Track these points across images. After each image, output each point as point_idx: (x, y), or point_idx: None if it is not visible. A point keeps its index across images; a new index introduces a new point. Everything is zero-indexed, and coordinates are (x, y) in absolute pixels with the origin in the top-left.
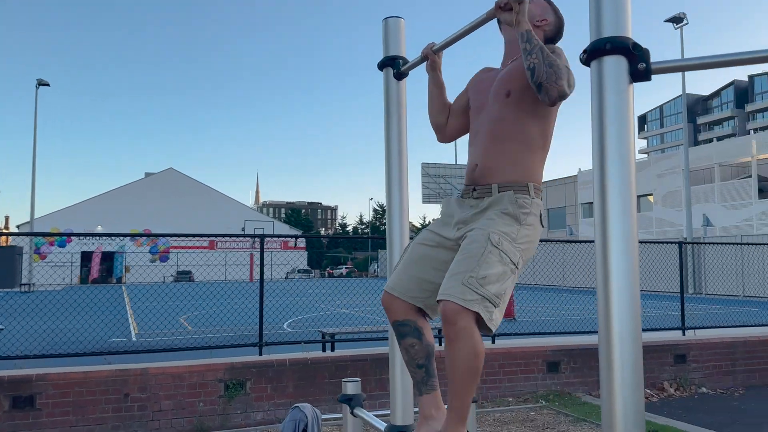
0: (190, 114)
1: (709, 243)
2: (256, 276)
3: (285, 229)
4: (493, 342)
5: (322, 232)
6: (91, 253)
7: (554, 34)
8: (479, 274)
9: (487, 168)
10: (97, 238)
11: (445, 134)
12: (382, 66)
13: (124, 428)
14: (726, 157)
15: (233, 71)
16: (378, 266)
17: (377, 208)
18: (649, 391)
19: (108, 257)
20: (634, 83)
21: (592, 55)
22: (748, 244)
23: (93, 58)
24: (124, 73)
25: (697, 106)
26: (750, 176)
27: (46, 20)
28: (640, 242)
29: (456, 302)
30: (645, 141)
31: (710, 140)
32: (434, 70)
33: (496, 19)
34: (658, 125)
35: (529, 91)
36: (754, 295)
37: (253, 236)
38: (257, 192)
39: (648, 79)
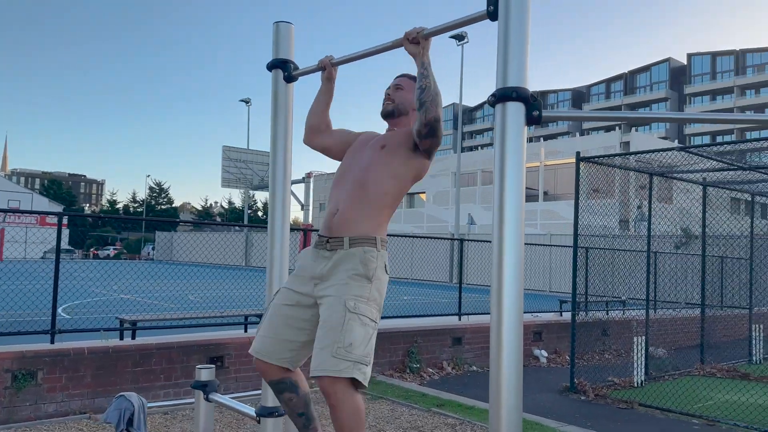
0: None
1: (484, 241)
2: (7, 254)
3: (45, 203)
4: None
5: (87, 208)
6: None
7: None
8: (345, 342)
9: (345, 218)
10: None
11: (312, 139)
12: (271, 67)
13: None
14: (488, 164)
15: None
16: (154, 249)
17: (153, 186)
18: (431, 370)
19: None
20: (528, 125)
21: (499, 99)
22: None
23: None
24: None
25: (464, 116)
26: None
27: None
28: (418, 236)
29: (331, 375)
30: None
31: (473, 147)
32: (329, 81)
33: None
34: (451, 125)
35: (401, 150)
36: None
37: (46, 213)
38: (5, 157)
39: (539, 123)
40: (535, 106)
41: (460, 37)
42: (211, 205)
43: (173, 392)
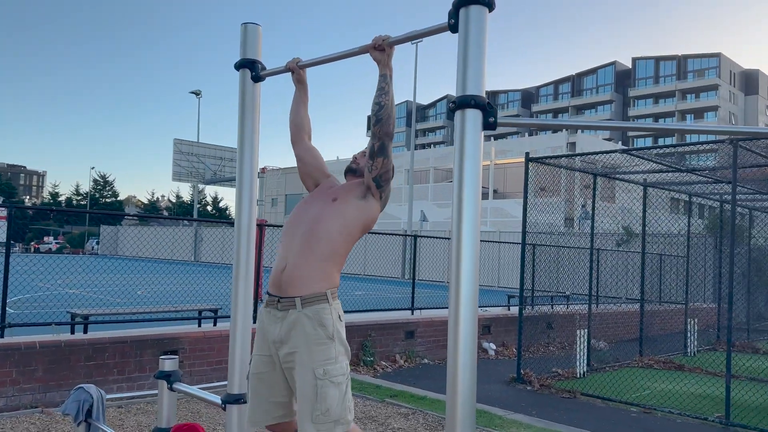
0: None
1: (439, 237)
2: None
3: None
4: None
5: (27, 200)
6: None
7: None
8: (322, 409)
9: (294, 276)
10: None
11: (296, 140)
12: (239, 66)
13: None
14: (440, 163)
15: None
16: (98, 243)
17: (98, 178)
18: (384, 363)
19: None
20: (485, 131)
21: (459, 106)
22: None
23: None
24: None
25: (417, 113)
26: None
27: None
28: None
29: None
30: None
31: (426, 145)
32: (300, 83)
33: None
34: None
35: (351, 200)
36: None
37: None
38: None
39: (494, 129)
40: (491, 114)
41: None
42: (158, 198)
43: (126, 386)
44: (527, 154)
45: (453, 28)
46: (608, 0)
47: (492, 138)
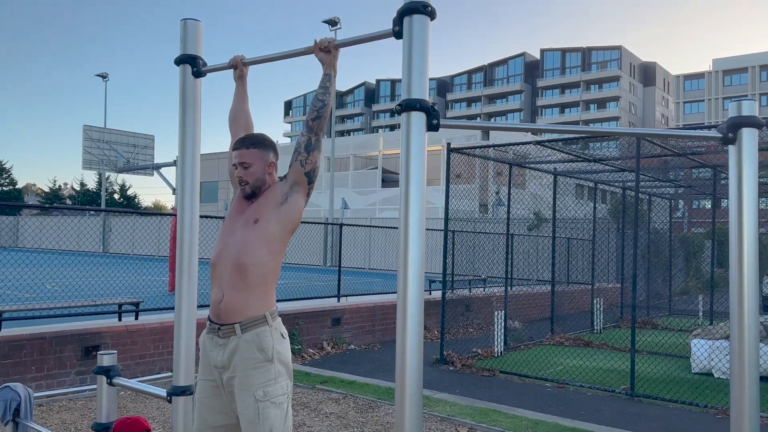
0: None
1: (365, 226)
2: None
3: None
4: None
5: None
6: None
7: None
8: (265, 429)
9: (231, 305)
10: None
11: (232, 133)
12: (179, 62)
13: None
14: (360, 150)
15: None
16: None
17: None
18: (312, 351)
19: None
20: (428, 132)
21: (405, 108)
22: (385, 227)
23: None
24: None
25: (336, 100)
26: (376, 168)
27: None
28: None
29: None
30: (290, 125)
31: (343, 132)
32: (241, 79)
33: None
34: (301, 112)
35: (273, 211)
36: (378, 268)
37: None
38: None
39: (437, 130)
40: (434, 116)
41: (333, 23)
42: (60, 186)
43: (46, 384)
44: (448, 144)
45: (397, 34)
46: None
47: (378, 128)
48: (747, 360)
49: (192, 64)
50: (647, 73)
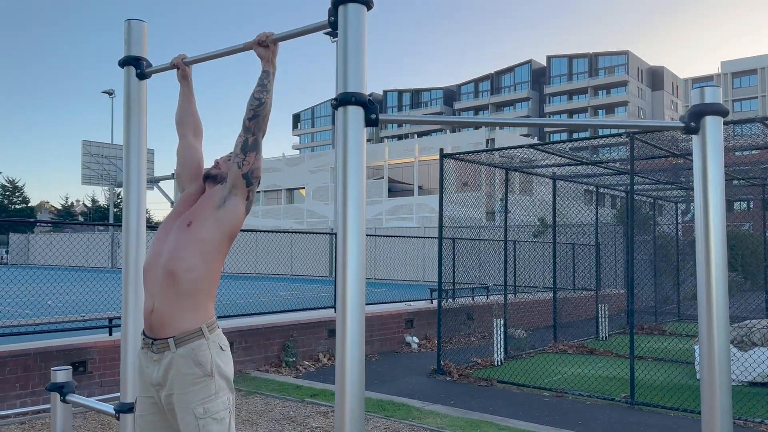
0: None
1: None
2: None
3: None
4: None
5: None
6: None
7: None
8: None
9: (163, 318)
10: None
11: (179, 138)
12: (123, 64)
13: None
14: (366, 160)
15: None
16: (7, 252)
17: (6, 183)
18: (307, 363)
19: None
20: (366, 127)
21: (341, 103)
22: (398, 236)
23: None
24: None
25: None
26: (382, 178)
27: None
28: (294, 232)
29: None
30: (298, 138)
31: None
32: (185, 79)
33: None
34: (309, 124)
35: (209, 216)
36: (383, 278)
37: None
38: None
39: (376, 125)
40: (372, 110)
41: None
42: (72, 203)
43: (30, 401)
44: (441, 150)
45: (333, 25)
46: (524, 0)
47: (416, 135)
48: (717, 364)
49: (136, 65)
50: (655, 78)
